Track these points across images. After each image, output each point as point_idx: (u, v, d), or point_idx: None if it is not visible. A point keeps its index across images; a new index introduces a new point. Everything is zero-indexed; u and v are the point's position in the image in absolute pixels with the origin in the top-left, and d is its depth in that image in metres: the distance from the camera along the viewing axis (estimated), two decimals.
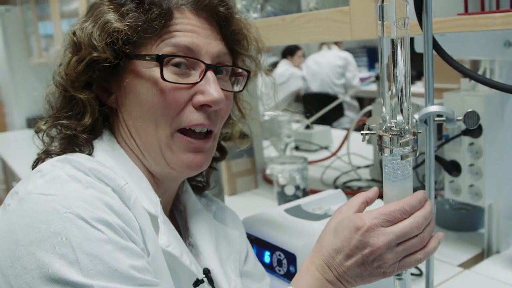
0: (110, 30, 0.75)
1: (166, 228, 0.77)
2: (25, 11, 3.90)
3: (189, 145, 0.79)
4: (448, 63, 0.75)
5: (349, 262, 0.69)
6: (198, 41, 0.78)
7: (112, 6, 0.77)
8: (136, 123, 0.79)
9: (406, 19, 0.65)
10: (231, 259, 0.90)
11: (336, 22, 1.06)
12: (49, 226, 0.62)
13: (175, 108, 0.77)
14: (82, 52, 0.76)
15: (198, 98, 0.77)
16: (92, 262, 0.62)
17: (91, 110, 0.79)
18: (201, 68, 0.78)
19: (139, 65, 0.77)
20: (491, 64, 1.26)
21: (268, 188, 1.93)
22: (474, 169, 1.24)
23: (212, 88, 0.77)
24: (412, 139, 0.68)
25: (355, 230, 0.68)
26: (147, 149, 0.79)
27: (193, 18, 0.79)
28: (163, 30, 0.77)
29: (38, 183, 0.67)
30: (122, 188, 0.71)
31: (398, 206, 0.69)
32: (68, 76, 0.77)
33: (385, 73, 0.66)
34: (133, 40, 0.76)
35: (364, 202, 0.76)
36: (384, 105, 0.68)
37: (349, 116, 5.11)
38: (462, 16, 0.87)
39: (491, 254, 1.28)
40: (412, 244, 0.69)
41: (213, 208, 0.97)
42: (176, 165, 0.79)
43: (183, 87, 0.77)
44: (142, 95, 0.77)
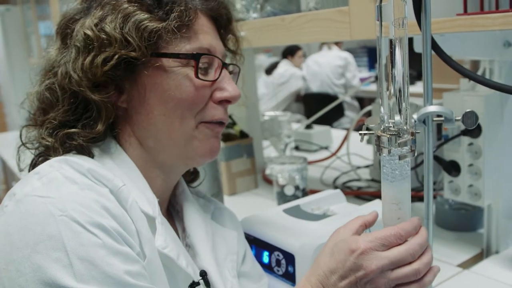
0: (147, 29, 0.75)
1: (163, 229, 0.77)
2: (25, 10, 3.90)
3: (211, 131, 0.83)
4: (447, 63, 0.75)
5: (342, 283, 0.70)
6: (214, 42, 0.83)
7: (136, 5, 0.76)
8: (157, 121, 0.79)
9: (404, 19, 0.65)
10: (228, 260, 0.90)
11: (335, 22, 1.06)
12: (44, 229, 0.62)
13: (201, 104, 0.81)
14: (110, 50, 0.74)
15: (218, 94, 0.82)
16: (86, 267, 0.61)
17: (105, 115, 0.76)
18: (215, 66, 0.82)
19: (168, 62, 0.78)
20: (490, 64, 1.26)
21: (268, 188, 1.93)
22: (473, 169, 1.24)
23: (229, 85, 0.83)
24: (410, 139, 0.68)
25: (350, 253, 0.70)
26: (170, 143, 0.81)
27: (205, 19, 0.83)
28: (187, 29, 0.79)
29: (35, 185, 0.67)
30: (119, 189, 0.71)
31: (393, 231, 0.70)
32: (87, 76, 0.74)
33: (383, 73, 0.67)
34: (157, 37, 0.76)
35: (363, 225, 0.77)
36: (383, 105, 0.68)
37: (349, 116, 5.11)
38: (461, 16, 0.87)
39: (491, 254, 1.28)
40: (405, 273, 0.70)
41: (211, 209, 0.97)
42: (200, 153, 0.83)
43: (207, 84, 0.81)
44: (169, 92, 0.78)
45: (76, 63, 0.75)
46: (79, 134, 0.76)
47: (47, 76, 0.80)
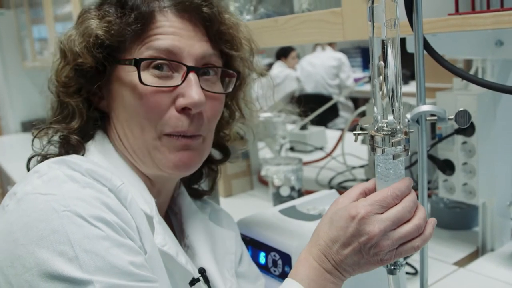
0: (89, 35, 0.77)
1: (161, 228, 0.77)
2: (19, 14, 3.90)
3: (176, 143, 0.78)
4: (439, 63, 0.76)
5: (346, 251, 0.69)
6: (179, 43, 0.77)
7: (96, 13, 0.79)
8: (123, 126, 0.80)
9: (396, 19, 0.66)
10: (226, 259, 0.91)
11: (328, 23, 1.07)
12: (47, 224, 0.63)
13: (158, 111, 0.77)
14: (68, 59, 0.79)
15: (180, 101, 0.77)
16: (91, 258, 0.62)
17: (79, 115, 0.81)
18: (183, 71, 0.77)
19: (121, 69, 0.78)
20: (483, 63, 1.27)
21: (263, 189, 1.93)
22: (467, 167, 1.24)
23: (192, 90, 0.76)
24: (404, 139, 0.68)
25: (351, 219, 0.68)
26: (136, 151, 0.80)
27: (175, 21, 0.78)
28: (144, 34, 0.77)
29: (36, 183, 0.68)
30: (118, 188, 0.72)
31: (390, 191, 0.69)
32: (58, 82, 0.81)
33: (376, 73, 0.67)
34: (114, 46, 0.77)
35: (362, 192, 0.75)
36: (376, 105, 0.68)
37: (344, 117, 5.12)
38: (453, 16, 0.88)
39: (486, 252, 1.29)
40: (408, 231, 0.68)
41: (207, 210, 0.97)
42: (165, 166, 0.79)
43: (165, 90, 0.76)
44: (126, 99, 0.78)
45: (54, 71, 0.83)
46: (57, 128, 0.82)
47: None
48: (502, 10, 0.83)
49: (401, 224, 0.69)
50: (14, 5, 3.94)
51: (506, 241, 1.31)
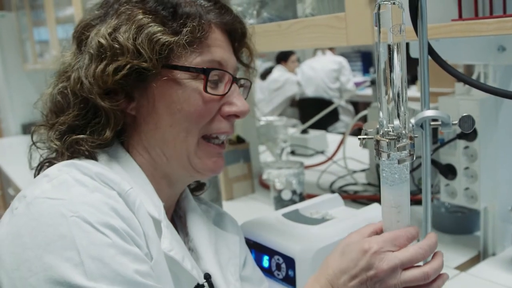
0: (160, 41, 0.75)
1: (168, 232, 0.78)
2: (20, 16, 3.90)
3: (214, 150, 0.84)
4: (443, 68, 0.76)
5: (352, 283, 0.70)
6: (225, 55, 0.82)
7: (151, 17, 0.77)
8: (164, 131, 0.80)
9: (402, 25, 0.66)
10: (230, 264, 0.91)
11: (332, 28, 1.07)
12: (55, 229, 0.63)
13: (208, 117, 0.81)
14: (122, 59, 0.75)
15: (226, 109, 0.82)
16: (96, 265, 0.63)
17: (114, 122, 0.77)
18: (226, 80, 0.82)
19: (178, 74, 0.78)
20: (485, 68, 1.27)
21: (264, 193, 1.93)
22: (469, 172, 1.25)
23: (239, 100, 0.83)
24: (409, 144, 0.69)
25: (363, 253, 0.70)
26: (173, 154, 0.81)
27: (219, 33, 0.83)
28: (195, 43, 0.79)
29: (45, 188, 0.68)
30: (127, 192, 0.72)
31: (404, 232, 0.71)
32: (98, 83, 0.75)
33: (382, 78, 0.67)
34: (168, 49, 0.77)
35: (374, 232, 0.77)
36: (381, 110, 0.69)
37: (344, 121, 5.13)
38: (456, 22, 0.89)
39: (487, 257, 1.29)
40: (415, 275, 0.70)
41: (212, 214, 0.97)
42: (202, 169, 0.83)
43: (216, 98, 0.81)
44: (177, 104, 0.78)
45: (88, 70, 0.76)
46: (87, 140, 0.77)
47: (60, 79, 0.81)
48: (504, 16, 0.84)
49: (411, 267, 0.70)
50: (15, 7, 3.94)
51: (507, 246, 1.31)
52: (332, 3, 1.16)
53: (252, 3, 1.38)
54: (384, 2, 0.65)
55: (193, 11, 0.79)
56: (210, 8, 0.83)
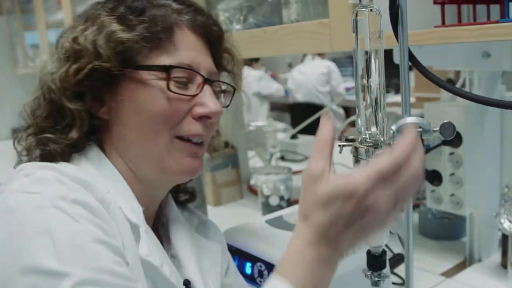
0: (117, 39, 0.76)
1: (147, 237, 0.77)
2: (11, 21, 3.89)
3: (189, 149, 0.81)
4: (424, 75, 0.76)
5: (346, 232, 0.60)
6: (196, 58, 0.81)
7: (113, 18, 0.78)
8: (132, 132, 0.79)
9: (380, 31, 0.66)
10: (212, 271, 0.90)
11: (316, 34, 1.07)
12: (30, 219, 0.63)
13: (176, 118, 0.79)
14: (83, 60, 0.76)
15: (197, 110, 0.80)
16: (70, 252, 0.62)
17: (80, 123, 0.78)
18: (198, 82, 0.81)
19: (143, 75, 0.78)
20: (470, 74, 1.27)
21: (253, 198, 1.93)
22: (454, 178, 1.25)
23: (210, 100, 0.81)
24: None
25: (348, 199, 0.59)
26: (145, 157, 0.80)
27: (191, 35, 0.82)
28: (163, 44, 0.79)
29: (23, 182, 0.68)
30: (103, 197, 0.72)
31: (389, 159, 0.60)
32: (63, 85, 0.77)
33: (360, 84, 0.67)
34: (133, 50, 0.77)
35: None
36: (359, 117, 0.68)
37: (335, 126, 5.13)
38: (439, 28, 0.89)
39: (473, 263, 1.29)
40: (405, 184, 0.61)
41: (195, 222, 0.96)
42: (176, 170, 0.81)
43: (185, 98, 0.79)
44: (144, 104, 0.78)
45: (56, 73, 0.78)
46: (55, 139, 0.78)
47: (38, 87, 0.83)
48: (488, 22, 0.84)
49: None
50: (6, 12, 3.93)
51: (493, 252, 1.31)
52: (316, 9, 1.17)
53: (238, 9, 1.38)
54: (361, 9, 0.65)
55: (159, 13, 0.79)
56: (181, 10, 0.82)
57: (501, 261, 1.25)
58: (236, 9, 1.37)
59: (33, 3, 3.21)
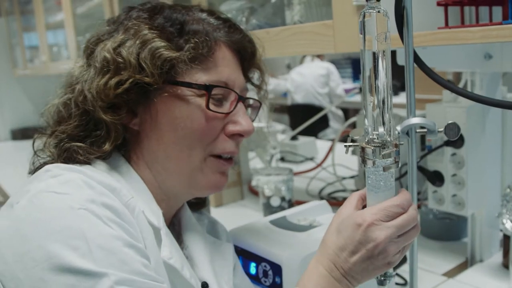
0: (162, 57, 0.75)
1: (168, 240, 0.78)
2: (10, 22, 3.89)
3: (221, 167, 0.83)
4: (429, 75, 0.77)
5: (354, 258, 0.70)
6: (232, 76, 0.82)
7: (156, 32, 0.78)
8: (166, 147, 0.80)
9: (387, 33, 0.67)
10: (225, 272, 0.91)
11: (320, 35, 1.08)
12: (61, 220, 0.63)
13: (212, 135, 0.80)
14: (125, 74, 0.75)
15: (231, 128, 0.82)
16: (104, 254, 0.63)
17: (114, 136, 0.78)
18: (231, 99, 0.82)
19: (181, 90, 0.78)
20: (472, 76, 1.28)
21: (254, 199, 1.93)
22: (456, 179, 1.25)
23: (243, 119, 0.83)
24: (394, 151, 0.69)
25: (357, 227, 0.69)
26: (176, 171, 0.81)
27: (227, 52, 0.83)
28: (202, 61, 0.79)
29: (50, 182, 0.68)
30: (128, 201, 0.72)
31: (395, 201, 0.71)
32: (100, 97, 0.76)
33: (367, 85, 0.68)
34: (172, 65, 0.77)
35: (360, 199, 0.77)
36: (367, 117, 0.69)
37: (334, 127, 5.14)
38: (443, 30, 0.89)
39: (475, 263, 1.30)
40: (411, 234, 0.71)
41: (205, 222, 0.98)
42: (204, 186, 0.83)
43: (220, 116, 0.80)
44: (180, 120, 0.78)
45: (92, 83, 0.77)
46: (86, 149, 0.77)
47: (67, 90, 0.82)
48: (490, 24, 0.85)
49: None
50: (5, 13, 3.93)
51: (495, 252, 1.31)
52: (320, 10, 1.17)
53: (241, 10, 1.39)
54: (369, 11, 0.65)
55: (200, 29, 0.80)
56: (218, 27, 0.83)
57: (503, 262, 1.25)
58: (239, 10, 1.38)
59: (32, 4, 3.21)
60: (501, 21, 0.84)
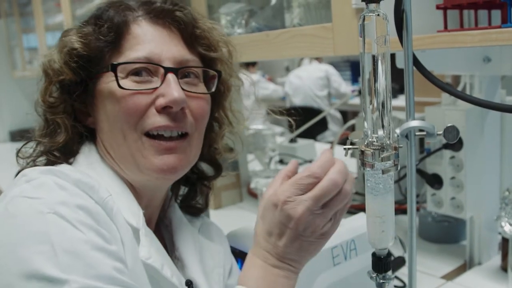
0: (67, 50, 0.79)
1: (147, 240, 0.77)
2: (9, 23, 3.89)
3: (159, 146, 0.78)
4: (428, 79, 0.77)
5: (283, 241, 0.70)
6: (156, 49, 0.79)
7: (75, 30, 0.82)
8: (108, 137, 0.81)
9: (387, 36, 0.67)
10: (215, 272, 0.91)
11: (319, 38, 1.08)
12: (30, 225, 0.63)
13: (137, 113, 0.77)
14: (50, 78, 0.81)
15: (159, 101, 0.78)
16: (70, 259, 0.62)
17: (64, 129, 0.81)
18: (161, 73, 0.79)
19: (101, 81, 0.80)
20: (471, 79, 1.28)
21: (253, 201, 1.93)
22: (455, 182, 1.26)
23: (172, 89, 0.77)
24: (393, 154, 0.69)
25: (274, 208, 0.70)
26: (121, 159, 0.81)
27: (149, 28, 0.81)
28: (121, 45, 0.79)
29: (24, 187, 0.68)
30: (105, 200, 0.72)
31: (306, 172, 0.70)
32: (44, 103, 0.82)
33: (366, 88, 0.68)
34: (93, 59, 0.79)
35: (285, 177, 0.75)
36: (366, 120, 0.69)
37: (333, 130, 5.14)
38: (442, 33, 0.89)
39: (473, 266, 1.30)
40: (337, 201, 0.70)
41: (198, 224, 0.97)
42: (149, 170, 0.78)
43: (144, 92, 0.78)
44: (107, 108, 0.79)
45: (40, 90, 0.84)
46: (43, 143, 0.82)
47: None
48: (489, 28, 0.85)
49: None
50: (4, 14, 3.93)
51: (493, 255, 1.32)
52: (319, 13, 1.17)
53: (240, 13, 1.39)
54: (368, 14, 0.65)
55: (109, 14, 0.81)
56: (138, 6, 0.82)
57: (501, 265, 1.25)
58: (238, 13, 1.38)
59: (31, 6, 3.21)
60: (500, 24, 0.84)
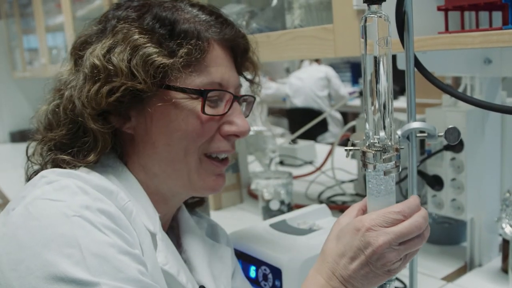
0: (154, 64, 0.74)
1: (164, 245, 0.77)
2: (10, 24, 3.89)
3: (215, 169, 0.83)
4: (429, 80, 0.77)
5: (353, 265, 0.68)
6: (226, 75, 0.81)
7: (146, 36, 0.76)
8: (163, 150, 0.79)
9: (388, 37, 0.67)
10: (223, 276, 0.91)
11: (320, 40, 1.08)
12: (56, 228, 0.63)
13: (207, 137, 0.80)
14: (116, 81, 0.73)
15: (226, 128, 0.81)
16: (98, 262, 0.62)
17: (102, 146, 0.76)
18: (226, 99, 0.81)
19: (175, 94, 0.77)
20: (471, 80, 1.28)
21: (253, 203, 1.93)
22: (456, 183, 1.25)
23: (239, 119, 0.82)
24: (395, 155, 0.69)
25: (356, 232, 0.68)
26: (172, 174, 0.81)
27: (219, 50, 0.81)
28: (194, 63, 0.77)
29: (46, 189, 0.68)
30: (124, 205, 0.72)
31: (396, 208, 0.69)
32: (91, 105, 0.74)
33: (368, 89, 0.68)
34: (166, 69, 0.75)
35: (360, 210, 0.76)
36: (368, 121, 0.69)
37: (333, 131, 5.15)
38: (443, 34, 0.90)
39: (474, 267, 1.30)
40: (414, 243, 0.69)
41: (204, 225, 0.97)
42: (202, 189, 0.83)
43: (215, 118, 0.80)
44: (175, 124, 0.78)
45: (82, 90, 0.75)
46: (69, 162, 0.76)
47: (56, 96, 0.81)
48: (490, 29, 0.85)
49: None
50: (5, 15, 3.93)
51: (494, 257, 1.31)
52: (320, 15, 1.17)
53: (241, 14, 1.39)
54: (370, 15, 0.65)
55: (191, 29, 0.78)
56: (210, 24, 0.81)
57: (502, 266, 1.25)
58: (239, 14, 1.38)
59: (32, 7, 3.21)
60: (501, 26, 0.84)
